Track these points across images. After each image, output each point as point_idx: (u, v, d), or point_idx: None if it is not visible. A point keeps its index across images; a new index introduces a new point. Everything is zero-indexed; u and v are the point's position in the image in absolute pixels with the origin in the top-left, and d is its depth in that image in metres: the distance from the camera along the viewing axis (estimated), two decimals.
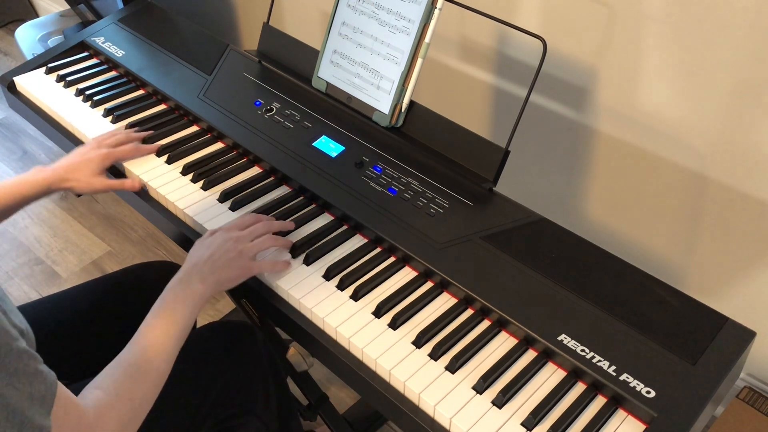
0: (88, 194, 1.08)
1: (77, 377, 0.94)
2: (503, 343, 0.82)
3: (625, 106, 1.30)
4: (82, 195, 1.12)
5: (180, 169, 1.08)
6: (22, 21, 2.35)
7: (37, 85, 1.28)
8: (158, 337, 0.78)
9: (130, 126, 1.17)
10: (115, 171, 1.11)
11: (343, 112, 1.13)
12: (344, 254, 0.93)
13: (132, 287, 1.09)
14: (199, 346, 0.97)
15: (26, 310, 1.02)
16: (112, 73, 1.33)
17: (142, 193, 1.07)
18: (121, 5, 1.79)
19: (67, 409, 0.64)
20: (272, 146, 1.08)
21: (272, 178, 1.07)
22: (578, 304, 0.82)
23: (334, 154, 1.06)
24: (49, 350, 0.75)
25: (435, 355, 0.80)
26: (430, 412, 0.76)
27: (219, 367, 0.96)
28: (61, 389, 0.64)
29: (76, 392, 0.70)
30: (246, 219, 0.94)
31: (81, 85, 1.28)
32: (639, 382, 0.74)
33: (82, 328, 1.03)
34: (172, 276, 1.14)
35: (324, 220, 1.00)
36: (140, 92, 1.27)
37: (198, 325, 1.04)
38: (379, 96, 1.06)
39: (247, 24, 2.11)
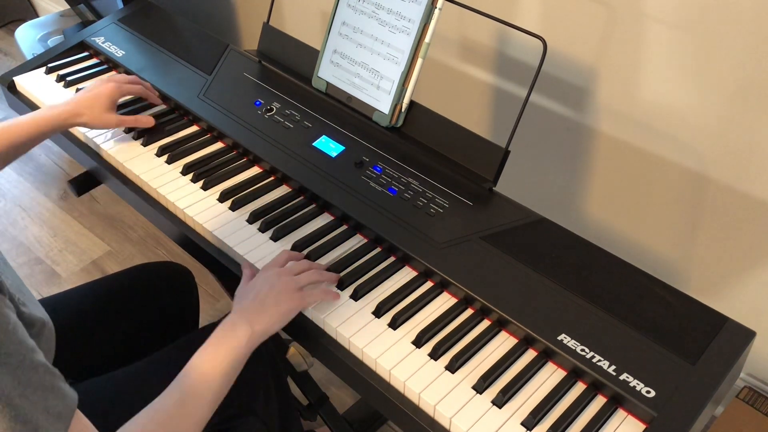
0: (101, 129, 1.11)
1: (78, 377, 0.94)
2: (503, 342, 0.82)
3: (625, 106, 1.30)
4: (96, 129, 1.14)
5: (180, 169, 1.08)
6: (22, 21, 2.35)
7: (37, 85, 1.28)
8: (197, 386, 0.74)
9: (129, 130, 1.16)
10: (113, 169, 1.11)
11: (343, 112, 1.13)
12: (344, 254, 0.93)
13: (133, 288, 1.09)
14: (199, 347, 0.97)
15: None
16: (112, 73, 1.33)
17: (142, 193, 1.07)
18: (121, 5, 1.79)
19: None
20: (272, 146, 1.08)
21: (272, 178, 1.07)
22: (578, 304, 0.82)
23: (334, 154, 1.06)
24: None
25: (435, 354, 0.80)
26: (430, 411, 0.76)
27: None
28: (81, 415, 0.62)
29: (78, 392, 0.70)
30: (284, 255, 0.90)
31: (81, 85, 1.28)
32: (639, 382, 0.74)
33: (83, 328, 1.03)
34: (173, 276, 1.14)
35: (324, 220, 1.00)
36: None
37: (198, 327, 1.04)
38: (379, 96, 1.06)
39: (247, 24, 2.11)
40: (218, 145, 1.14)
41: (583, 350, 0.77)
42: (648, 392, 0.73)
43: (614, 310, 0.81)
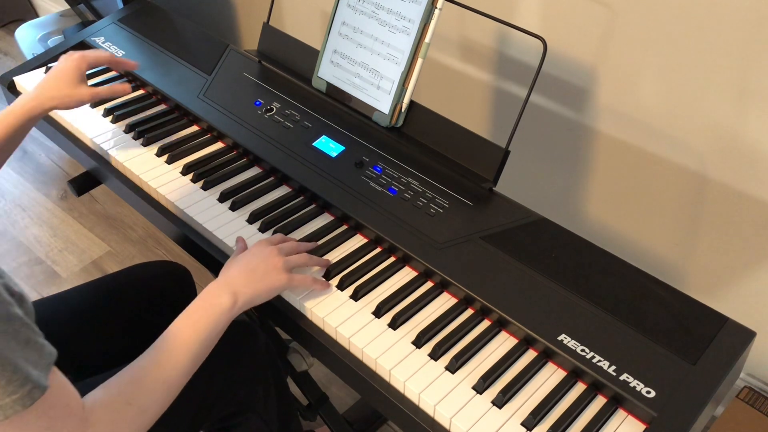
0: (76, 106, 1.02)
1: (78, 377, 0.94)
2: (503, 343, 0.82)
3: (625, 106, 1.30)
4: (72, 109, 1.05)
5: (180, 169, 1.08)
6: (22, 21, 2.35)
7: None
8: (175, 347, 0.75)
9: (130, 127, 1.16)
10: (113, 169, 1.11)
11: (343, 112, 1.13)
12: (344, 254, 0.93)
13: (132, 287, 1.09)
14: None
15: None
16: (112, 73, 1.33)
17: (143, 193, 1.07)
18: (121, 5, 1.79)
19: (58, 391, 0.62)
20: (272, 146, 1.08)
21: (272, 178, 1.07)
22: (578, 304, 0.82)
23: (334, 154, 1.06)
24: None
25: (435, 355, 0.80)
26: (430, 411, 0.76)
27: (219, 366, 0.96)
28: (58, 372, 0.62)
29: (77, 391, 0.70)
30: (279, 237, 0.91)
31: None
32: (639, 382, 0.74)
33: (82, 328, 1.03)
34: (172, 275, 1.14)
35: (324, 220, 1.00)
36: (140, 92, 1.27)
37: None
38: (379, 96, 1.06)
39: (247, 24, 2.11)
40: (218, 145, 1.14)
41: (583, 350, 0.77)
42: (648, 392, 0.73)
43: (614, 310, 0.81)
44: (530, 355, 0.81)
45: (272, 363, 1.03)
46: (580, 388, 0.77)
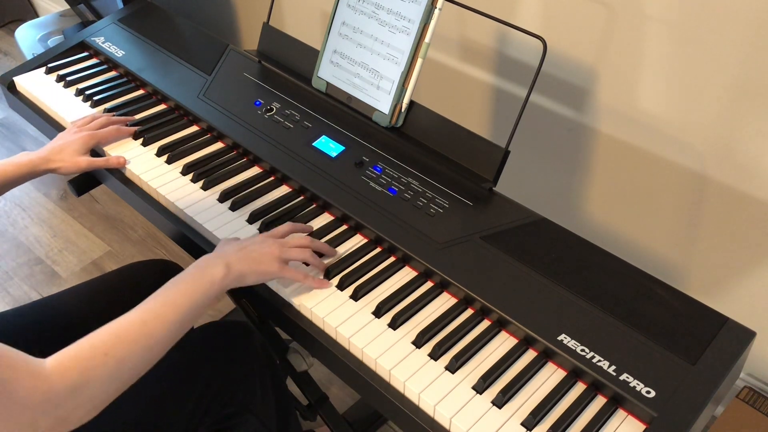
0: (74, 173, 1.10)
1: None
2: (503, 343, 0.82)
3: (625, 106, 1.30)
4: (70, 176, 1.13)
5: (180, 169, 1.08)
6: (22, 21, 2.35)
7: (37, 85, 1.28)
8: (163, 309, 0.75)
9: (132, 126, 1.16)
10: (113, 169, 1.11)
11: (343, 112, 1.13)
12: (344, 254, 0.93)
13: (130, 286, 1.09)
14: (196, 347, 0.97)
15: (26, 310, 1.02)
16: (112, 73, 1.33)
17: (142, 193, 1.07)
18: (121, 5, 1.79)
19: (9, 358, 0.61)
20: (272, 146, 1.08)
21: (272, 178, 1.07)
22: (578, 304, 0.82)
23: (334, 154, 1.06)
24: (49, 350, 0.75)
25: (435, 355, 0.80)
26: (429, 411, 0.76)
27: (215, 367, 0.96)
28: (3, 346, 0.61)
29: None
30: (286, 227, 0.92)
31: (81, 85, 1.28)
32: (639, 382, 0.74)
33: (81, 327, 1.03)
34: (169, 274, 1.14)
35: (324, 220, 1.00)
36: (140, 92, 1.28)
37: (195, 325, 1.04)
38: (379, 96, 1.06)
39: (247, 24, 2.11)
40: (218, 145, 1.14)
41: (583, 350, 0.77)
42: (648, 392, 0.73)
43: (614, 310, 0.81)
44: (530, 355, 0.81)
45: (269, 363, 1.03)
46: (580, 388, 0.77)
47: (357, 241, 0.96)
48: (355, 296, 0.87)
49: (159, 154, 1.11)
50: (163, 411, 0.90)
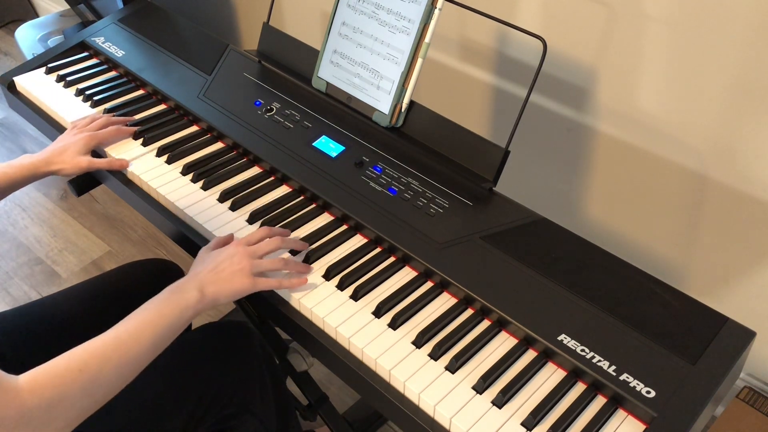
0: (75, 174, 1.11)
1: None
2: (503, 343, 0.82)
3: (625, 106, 1.30)
4: (72, 177, 1.14)
5: (180, 169, 1.08)
6: (22, 21, 2.35)
7: (37, 85, 1.28)
8: (139, 329, 0.75)
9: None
10: (114, 170, 1.11)
11: (343, 112, 1.13)
12: (344, 254, 0.93)
13: (129, 285, 1.09)
14: (195, 348, 0.97)
15: (26, 310, 1.02)
16: (112, 73, 1.33)
17: (142, 193, 1.07)
18: (121, 5, 1.79)
19: None
20: (272, 146, 1.08)
21: (272, 178, 1.07)
22: (578, 304, 0.82)
23: (334, 154, 1.06)
24: (49, 350, 0.75)
25: (435, 355, 0.80)
26: (429, 411, 0.76)
27: (215, 367, 0.96)
28: None
29: None
30: (259, 233, 0.91)
31: (81, 85, 1.28)
32: (639, 382, 0.74)
33: (81, 326, 1.03)
34: (166, 273, 1.14)
35: (324, 220, 1.00)
36: (140, 92, 1.28)
37: (194, 326, 1.04)
38: (379, 96, 1.06)
39: (247, 24, 2.11)
40: (218, 145, 1.14)
41: (583, 350, 0.77)
42: (648, 392, 0.73)
43: (614, 310, 0.81)
44: (530, 355, 0.81)
45: (268, 362, 1.03)
46: (580, 388, 0.77)
47: (357, 241, 0.96)
48: (355, 296, 0.87)
49: (159, 154, 1.11)
50: (163, 411, 0.90)
